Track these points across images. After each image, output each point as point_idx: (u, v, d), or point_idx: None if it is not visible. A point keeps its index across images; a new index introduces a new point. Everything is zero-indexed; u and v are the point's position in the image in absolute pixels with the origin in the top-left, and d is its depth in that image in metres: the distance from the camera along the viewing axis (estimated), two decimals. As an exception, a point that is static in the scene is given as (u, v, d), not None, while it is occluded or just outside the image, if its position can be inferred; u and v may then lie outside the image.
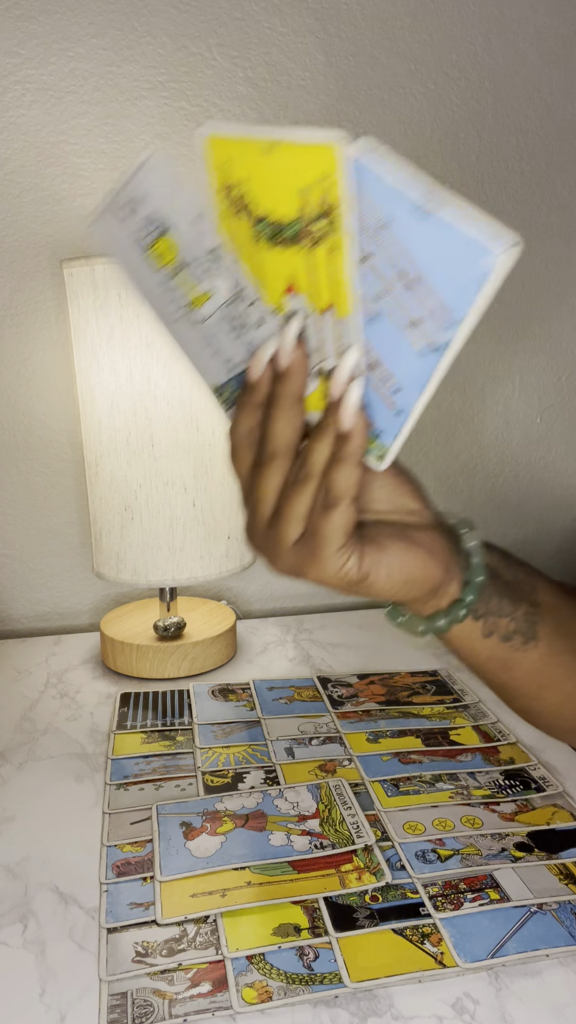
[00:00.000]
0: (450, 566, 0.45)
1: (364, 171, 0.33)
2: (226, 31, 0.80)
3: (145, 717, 0.68)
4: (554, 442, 0.98)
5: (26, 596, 0.90)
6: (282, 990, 0.40)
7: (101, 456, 0.72)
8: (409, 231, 0.33)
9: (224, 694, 0.72)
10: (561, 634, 0.49)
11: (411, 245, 0.33)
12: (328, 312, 0.38)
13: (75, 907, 0.46)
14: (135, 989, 0.40)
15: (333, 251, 0.35)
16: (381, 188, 0.33)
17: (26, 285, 0.82)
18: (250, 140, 0.34)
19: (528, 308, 0.93)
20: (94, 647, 0.83)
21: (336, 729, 0.65)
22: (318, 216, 0.35)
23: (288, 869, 0.49)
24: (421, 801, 0.56)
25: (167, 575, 0.72)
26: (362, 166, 0.33)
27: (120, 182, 0.38)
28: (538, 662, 0.49)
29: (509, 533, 1.00)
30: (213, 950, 0.43)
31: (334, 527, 0.40)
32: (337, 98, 0.83)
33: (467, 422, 0.95)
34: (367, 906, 0.46)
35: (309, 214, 0.35)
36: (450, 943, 0.43)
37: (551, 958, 0.42)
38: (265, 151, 0.34)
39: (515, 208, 0.90)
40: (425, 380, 0.37)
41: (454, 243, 0.32)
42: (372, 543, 0.43)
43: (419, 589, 0.44)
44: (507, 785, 0.58)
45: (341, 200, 0.33)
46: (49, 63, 0.77)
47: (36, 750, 0.63)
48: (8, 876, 0.49)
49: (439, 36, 0.84)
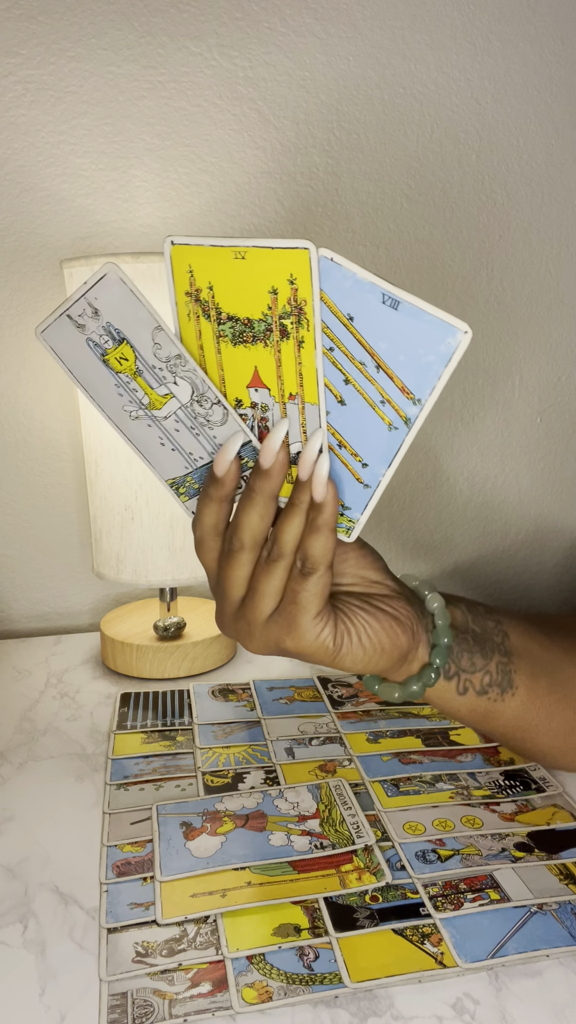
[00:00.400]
0: (417, 631, 0.46)
1: (332, 271, 0.37)
2: (226, 31, 0.80)
3: (145, 717, 0.68)
4: (554, 442, 0.98)
5: (26, 596, 0.90)
6: (282, 990, 0.40)
7: (101, 456, 0.72)
8: (378, 320, 0.37)
9: (224, 694, 0.72)
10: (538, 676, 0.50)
11: (381, 332, 0.37)
12: (293, 401, 0.41)
13: (75, 907, 0.46)
14: (135, 989, 0.40)
15: (302, 344, 0.39)
16: (350, 285, 0.37)
17: (26, 285, 0.82)
18: (217, 247, 0.38)
19: (528, 308, 0.93)
20: (94, 647, 0.83)
21: (336, 729, 0.66)
22: (287, 312, 0.38)
23: (288, 869, 0.49)
24: (421, 801, 0.56)
25: (167, 575, 0.72)
26: (330, 266, 0.37)
27: (76, 291, 0.40)
28: (519, 708, 0.50)
29: (509, 534, 1.00)
30: (213, 950, 0.43)
31: (311, 594, 0.42)
32: (337, 98, 0.83)
33: (467, 422, 0.95)
34: (367, 906, 0.46)
35: (278, 311, 0.38)
36: (450, 943, 0.43)
37: (551, 958, 0.42)
38: (235, 257, 0.37)
39: (515, 208, 0.90)
40: (392, 454, 0.40)
41: (423, 326, 0.36)
42: (343, 613, 0.44)
43: (389, 657, 0.45)
44: (507, 785, 0.58)
45: (312, 297, 0.37)
46: (49, 63, 0.77)
47: (36, 750, 0.63)
48: (8, 876, 0.49)
49: (439, 36, 0.84)
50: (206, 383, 0.41)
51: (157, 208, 0.82)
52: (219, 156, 0.82)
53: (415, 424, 0.39)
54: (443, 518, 0.98)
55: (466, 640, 0.48)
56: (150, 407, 0.43)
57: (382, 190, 0.86)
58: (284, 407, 0.41)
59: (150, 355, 0.41)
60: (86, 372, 0.43)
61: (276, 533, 0.42)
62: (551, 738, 0.52)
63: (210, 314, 0.40)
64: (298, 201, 0.85)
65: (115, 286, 0.39)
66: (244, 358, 0.40)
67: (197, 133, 0.82)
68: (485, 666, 0.49)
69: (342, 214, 0.86)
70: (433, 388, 0.37)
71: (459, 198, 0.88)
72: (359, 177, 0.86)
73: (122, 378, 0.42)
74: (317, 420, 0.41)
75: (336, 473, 0.42)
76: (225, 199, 0.83)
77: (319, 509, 0.41)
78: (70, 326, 0.41)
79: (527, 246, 0.91)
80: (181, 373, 0.41)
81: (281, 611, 0.43)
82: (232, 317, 0.39)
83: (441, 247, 0.89)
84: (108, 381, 0.42)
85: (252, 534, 0.42)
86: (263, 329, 0.39)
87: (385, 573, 0.47)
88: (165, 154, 0.81)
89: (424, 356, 0.37)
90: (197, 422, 0.43)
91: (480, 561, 1.01)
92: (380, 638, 0.44)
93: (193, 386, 0.42)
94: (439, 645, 0.47)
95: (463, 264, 0.90)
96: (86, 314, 0.40)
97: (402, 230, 0.88)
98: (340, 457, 0.42)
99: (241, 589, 0.44)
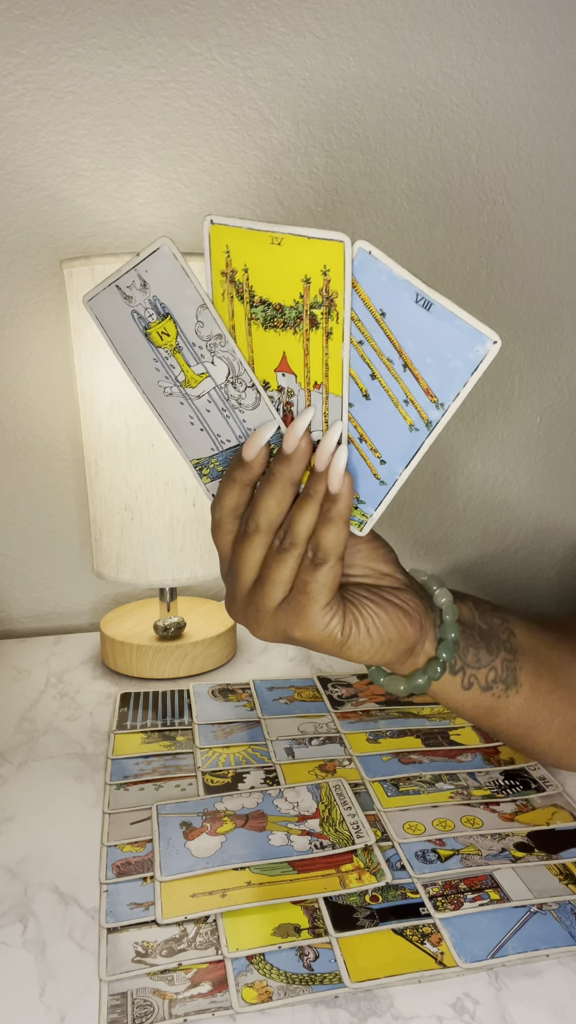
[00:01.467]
0: (424, 625, 0.47)
1: (369, 264, 0.37)
2: (226, 31, 0.80)
3: (145, 717, 0.68)
4: (554, 442, 0.98)
5: (26, 596, 0.90)
6: (282, 990, 0.40)
7: (101, 456, 0.72)
8: (409, 318, 0.37)
9: (224, 694, 0.72)
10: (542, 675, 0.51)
11: (411, 331, 0.37)
12: (318, 389, 0.41)
13: (75, 907, 0.46)
14: (135, 989, 0.40)
15: (331, 335, 0.39)
16: (385, 280, 0.37)
17: (26, 285, 0.82)
18: (255, 231, 0.38)
19: (528, 308, 0.93)
20: (94, 647, 0.83)
21: (336, 729, 0.66)
22: (319, 303, 0.38)
23: (288, 869, 0.49)
24: (421, 801, 0.56)
25: (167, 575, 0.72)
26: (367, 260, 0.37)
27: (128, 262, 0.41)
28: (523, 706, 0.50)
29: (509, 533, 1.00)
30: (213, 950, 0.43)
31: (322, 584, 0.42)
32: (337, 98, 0.83)
33: (467, 422, 0.95)
34: (367, 906, 0.46)
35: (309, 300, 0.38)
36: (450, 943, 0.43)
37: (551, 958, 0.42)
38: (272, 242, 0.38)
39: (515, 208, 0.90)
40: (411, 454, 0.40)
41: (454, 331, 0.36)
42: (351, 603, 0.44)
43: (396, 649, 0.46)
44: (507, 785, 0.58)
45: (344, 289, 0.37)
46: (49, 63, 0.77)
47: (36, 750, 0.63)
48: (8, 876, 0.49)
49: (439, 36, 0.84)
50: (243, 365, 0.42)
51: (157, 208, 0.82)
52: (219, 156, 0.82)
53: (436, 428, 0.39)
54: (443, 518, 0.98)
55: (472, 636, 0.48)
56: (185, 384, 0.43)
57: (382, 190, 0.86)
58: (309, 395, 0.41)
59: (192, 332, 0.42)
60: (127, 344, 0.43)
61: (290, 521, 0.42)
62: (553, 736, 0.52)
63: (243, 296, 0.40)
64: (298, 201, 0.85)
65: (167, 261, 0.40)
66: (274, 342, 0.41)
67: (197, 133, 0.82)
68: (490, 662, 0.49)
69: (342, 214, 0.86)
70: (457, 394, 0.37)
71: (459, 198, 0.88)
72: (359, 177, 0.86)
73: (161, 353, 0.43)
74: (339, 411, 0.41)
75: (353, 466, 0.42)
76: (225, 199, 0.83)
77: (334, 500, 0.41)
78: (117, 296, 0.42)
79: (527, 246, 0.91)
80: (220, 353, 0.42)
81: (290, 600, 0.43)
82: (264, 301, 0.40)
83: (441, 247, 0.89)
84: (147, 355, 0.43)
85: (268, 518, 0.43)
86: (294, 316, 0.39)
87: (396, 566, 0.48)
88: (165, 154, 0.81)
89: (451, 361, 0.37)
90: (229, 404, 0.43)
91: (480, 561, 1.01)
92: (388, 630, 0.44)
93: (230, 367, 0.42)
94: (446, 639, 0.47)
95: (463, 264, 0.90)
96: (135, 286, 0.41)
97: (402, 230, 0.88)
98: (359, 450, 0.42)
99: (253, 572, 0.44)
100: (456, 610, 0.48)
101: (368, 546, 0.47)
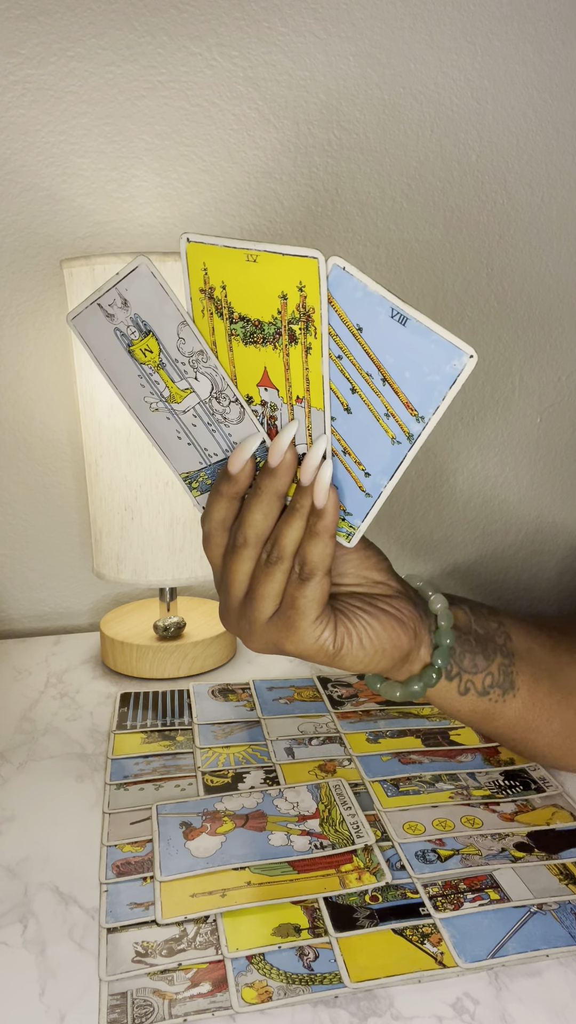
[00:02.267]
0: (419, 632, 0.47)
1: (343, 280, 0.37)
2: (226, 31, 0.80)
3: (145, 717, 0.68)
4: (554, 442, 0.98)
5: (26, 596, 0.90)
6: (282, 990, 0.40)
7: (101, 456, 0.72)
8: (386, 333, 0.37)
9: (224, 694, 0.72)
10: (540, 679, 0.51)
11: (388, 346, 0.38)
12: (300, 404, 0.41)
13: (75, 907, 0.46)
14: (135, 989, 0.40)
15: (310, 351, 0.39)
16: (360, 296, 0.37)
17: (26, 285, 0.82)
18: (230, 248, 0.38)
19: (528, 308, 0.93)
20: (94, 647, 0.83)
21: (336, 729, 0.66)
22: (297, 318, 0.39)
23: (288, 869, 0.49)
24: (421, 801, 0.56)
25: (167, 575, 0.72)
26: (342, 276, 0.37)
27: (108, 281, 0.41)
28: (520, 709, 0.50)
29: (509, 533, 1.00)
30: (213, 950, 0.43)
31: (310, 599, 0.42)
32: (337, 98, 0.83)
33: (467, 422, 0.95)
34: (367, 906, 0.46)
35: (287, 316, 0.39)
36: (450, 943, 0.43)
37: (551, 958, 0.42)
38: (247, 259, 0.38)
39: (515, 208, 0.90)
40: (394, 467, 0.40)
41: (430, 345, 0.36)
42: (343, 615, 0.45)
43: (390, 657, 0.46)
44: (507, 785, 0.58)
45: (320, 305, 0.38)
46: (49, 63, 0.77)
47: (36, 750, 0.63)
48: (8, 876, 0.49)
49: (439, 36, 0.84)
50: (225, 380, 0.42)
51: (157, 208, 0.82)
52: (219, 156, 0.82)
53: (418, 440, 0.39)
54: (443, 518, 0.98)
55: (468, 641, 0.48)
56: (170, 400, 0.43)
57: (382, 190, 0.86)
58: (292, 409, 0.41)
59: (174, 349, 0.42)
60: (111, 361, 0.44)
61: (276, 535, 0.42)
62: (551, 739, 0.52)
63: (223, 312, 0.40)
64: (298, 201, 0.85)
65: (145, 279, 0.40)
66: (255, 357, 0.41)
67: (197, 133, 0.82)
68: (487, 667, 0.49)
69: (342, 214, 0.86)
70: (437, 408, 0.38)
71: (459, 198, 0.88)
72: (359, 177, 0.86)
73: (145, 369, 0.43)
74: (322, 426, 0.41)
75: (339, 479, 0.42)
76: (225, 199, 0.83)
77: (319, 515, 0.41)
78: (100, 314, 0.42)
79: (527, 246, 0.91)
80: (202, 369, 0.42)
81: (280, 614, 0.43)
82: (243, 317, 0.40)
83: (441, 247, 0.89)
84: (132, 371, 0.43)
85: (256, 531, 0.43)
86: (273, 332, 0.39)
87: (389, 574, 0.48)
88: (165, 154, 0.81)
89: (429, 375, 0.37)
90: (214, 419, 0.43)
91: (480, 561, 1.01)
92: (381, 639, 0.44)
93: (213, 383, 0.42)
94: (441, 646, 0.47)
95: (463, 264, 0.90)
96: (116, 304, 0.41)
97: (402, 230, 0.88)
98: (344, 463, 0.42)
99: (243, 585, 0.44)
100: (451, 616, 0.48)
101: (360, 555, 0.47)
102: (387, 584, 0.47)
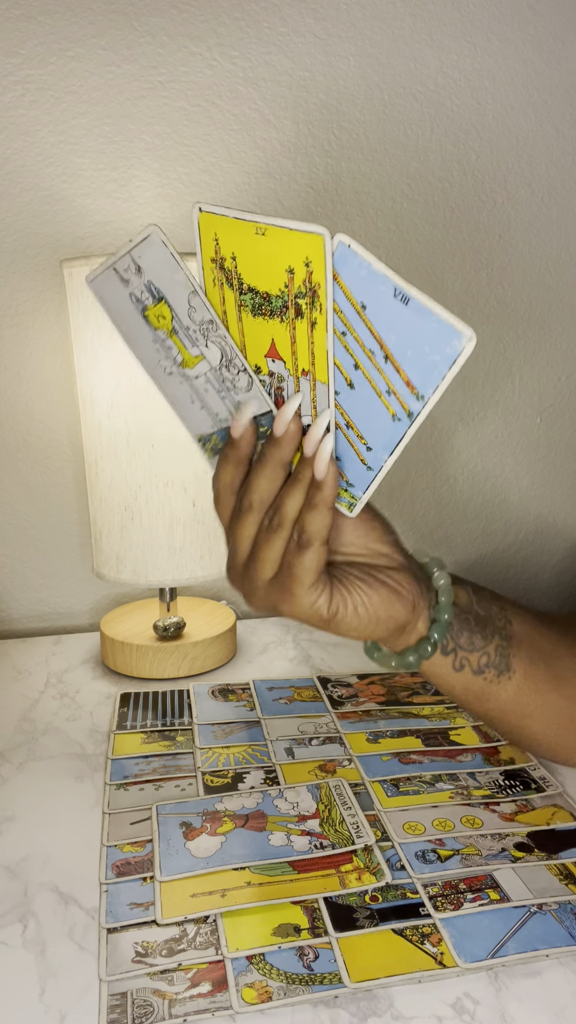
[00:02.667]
0: (418, 605, 0.47)
1: (349, 257, 0.37)
2: (226, 31, 0.80)
3: (145, 717, 0.68)
4: (554, 442, 0.98)
5: (26, 596, 0.90)
6: (282, 990, 0.40)
7: (101, 456, 0.72)
8: (389, 312, 0.38)
9: (224, 694, 0.72)
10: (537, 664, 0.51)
11: (391, 324, 0.38)
12: (305, 376, 0.42)
13: (75, 907, 0.46)
14: (135, 989, 0.40)
15: (315, 325, 0.40)
16: (364, 274, 0.37)
17: (26, 285, 0.82)
18: (240, 221, 0.39)
19: (528, 308, 0.93)
20: (94, 647, 0.83)
21: (336, 729, 0.66)
22: (303, 293, 0.39)
23: (288, 869, 0.49)
24: (421, 801, 0.56)
25: (167, 575, 0.72)
26: (347, 253, 0.37)
27: (124, 246, 0.42)
28: (515, 693, 0.51)
29: (509, 533, 1.00)
30: (213, 950, 0.43)
31: (306, 566, 0.43)
32: (337, 98, 0.83)
33: (467, 422, 0.95)
34: (367, 906, 0.46)
35: (293, 290, 0.39)
36: (450, 943, 0.43)
37: (551, 958, 0.42)
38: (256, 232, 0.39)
39: (515, 208, 0.90)
40: (395, 443, 0.41)
41: (431, 325, 0.37)
42: (340, 583, 0.46)
43: (385, 627, 0.47)
44: (507, 785, 0.58)
45: (326, 281, 0.38)
46: (49, 63, 0.77)
47: (36, 750, 0.63)
48: (8, 876, 0.49)
49: (439, 36, 0.84)
50: (234, 350, 0.43)
51: (157, 208, 0.82)
52: (219, 156, 0.82)
53: (417, 418, 0.39)
54: (443, 518, 0.98)
55: (467, 620, 0.49)
56: (183, 364, 0.44)
57: (382, 190, 0.86)
58: (298, 381, 0.42)
59: (185, 316, 0.43)
60: (128, 324, 0.44)
61: (278, 503, 0.44)
62: (544, 726, 0.52)
63: (233, 283, 0.41)
64: (298, 201, 0.85)
65: (157, 248, 0.41)
66: (263, 329, 0.41)
67: (197, 133, 0.82)
68: (484, 647, 0.49)
69: (342, 214, 0.86)
70: (436, 387, 0.38)
71: (459, 198, 0.88)
72: (359, 177, 0.86)
73: (159, 334, 0.44)
74: (326, 399, 0.42)
75: (341, 451, 0.43)
76: (225, 199, 0.83)
77: (319, 487, 0.42)
78: (116, 279, 0.43)
79: (527, 246, 0.91)
80: (212, 338, 0.43)
81: (278, 578, 0.45)
82: (252, 289, 0.41)
83: (441, 247, 0.89)
84: (147, 336, 0.44)
85: (260, 496, 0.44)
86: (280, 305, 0.40)
87: (394, 547, 0.48)
88: (165, 154, 0.81)
89: (430, 355, 0.37)
90: (224, 386, 0.44)
91: (480, 561, 1.01)
92: (376, 608, 0.45)
93: (223, 352, 0.43)
94: (439, 620, 0.48)
95: (463, 264, 0.90)
96: (130, 270, 0.42)
97: (402, 230, 0.88)
98: (347, 436, 0.43)
99: (247, 547, 0.45)
100: (452, 592, 0.49)
101: (365, 526, 0.47)
102: (391, 556, 0.48)
